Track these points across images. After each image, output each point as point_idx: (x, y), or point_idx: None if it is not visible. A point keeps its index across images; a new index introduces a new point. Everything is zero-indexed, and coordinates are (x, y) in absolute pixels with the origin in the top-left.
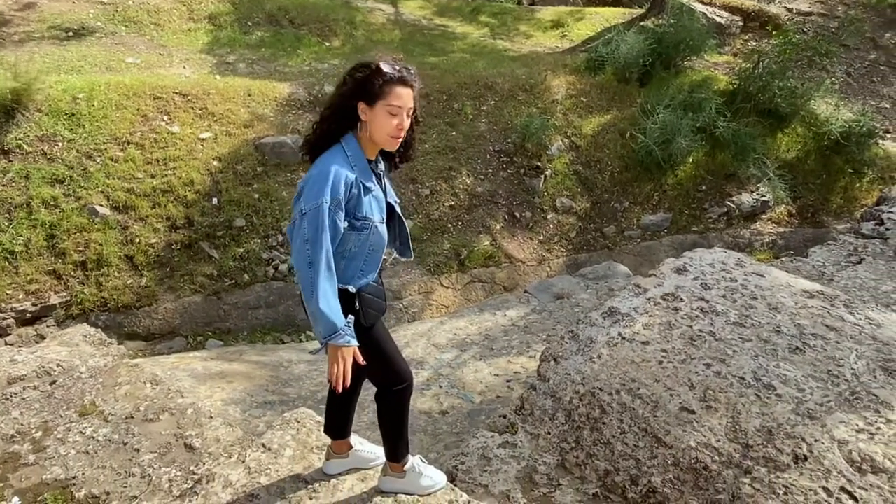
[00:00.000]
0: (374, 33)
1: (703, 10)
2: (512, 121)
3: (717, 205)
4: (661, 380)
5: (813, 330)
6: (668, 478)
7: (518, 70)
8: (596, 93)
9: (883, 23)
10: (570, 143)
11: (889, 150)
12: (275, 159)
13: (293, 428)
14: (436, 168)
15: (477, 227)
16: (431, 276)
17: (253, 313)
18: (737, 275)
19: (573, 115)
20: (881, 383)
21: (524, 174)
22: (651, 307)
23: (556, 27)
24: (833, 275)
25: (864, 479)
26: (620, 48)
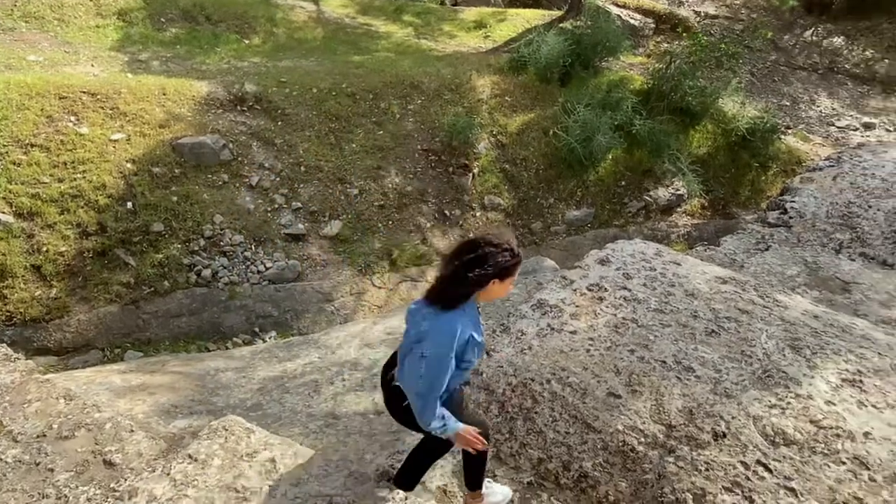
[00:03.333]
0: (295, 31)
1: (619, 12)
2: (439, 120)
3: (636, 199)
4: (589, 367)
5: (727, 313)
6: (598, 462)
7: (443, 70)
8: (519, 92)
9: (782, 26)
10: (497, 141)
11: (790, 144)
12: (194, 160)
13: (221, 437)
14: (364, 168)
15: (407, 226)
16: (363, 277)
17: (175, 322)
18: (656, 264)
19: (498, 114)
20: (790, 361)
21: (453, 173)
22: (577, 298)
23: (479, 28)
24: (743, 262)
25: (778, 452)
26: (541, 49)
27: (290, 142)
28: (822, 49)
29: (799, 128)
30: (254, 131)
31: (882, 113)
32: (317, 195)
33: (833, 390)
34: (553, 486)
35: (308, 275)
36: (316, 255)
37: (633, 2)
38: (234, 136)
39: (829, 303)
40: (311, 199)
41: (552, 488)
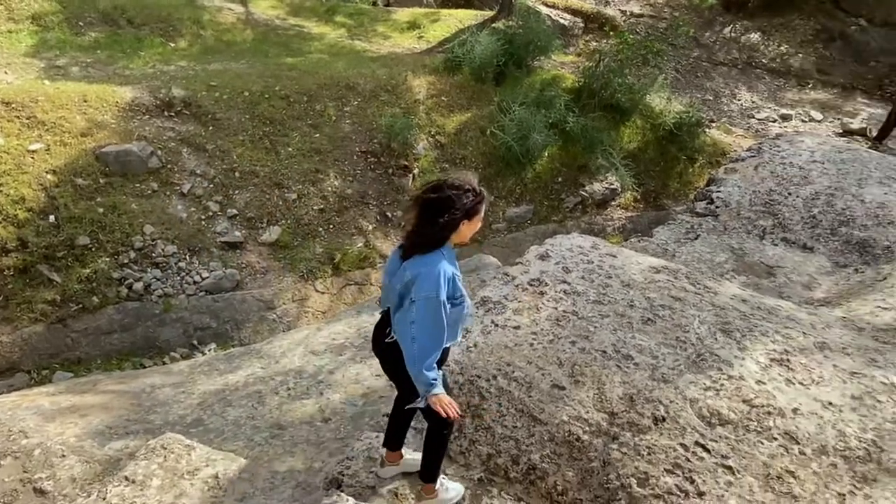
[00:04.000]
0: (223, 33)
1: (548, 12)
2: (376, 121)
3: (573, 195)
4: (533, 361)
5: (661, 301)
6: (546, 453)
7: (378, 70)
8: (455, 92)
9: (703, 23)
10: (435, 141)
11: (715, 137)
12: (120, 169)
13: (160, 456)
14: (301, 171)
15: (349, 229)
16: (305, 283)
17: (106, 339)
18: (593, 257)
19: (436, 115)
20: (721, 344)
21: (392, 174)
22: (520, 293)
23: (412, 28)
24: (675, 251)
25: (714, 432)
26: (475, 49)
27: (222, 147)
28: (741, 45)
29: (722, 121)
30: (183, 137)
31: (798, 104)
32: (253, 201)
33: (762, 370)
34: (503, 480)
35: (247, 283)
36: (255, 262)
37: (561, 2)
38: (163, 142)
39: (755, 287)
40: (247, 206)
41: (502, 483)
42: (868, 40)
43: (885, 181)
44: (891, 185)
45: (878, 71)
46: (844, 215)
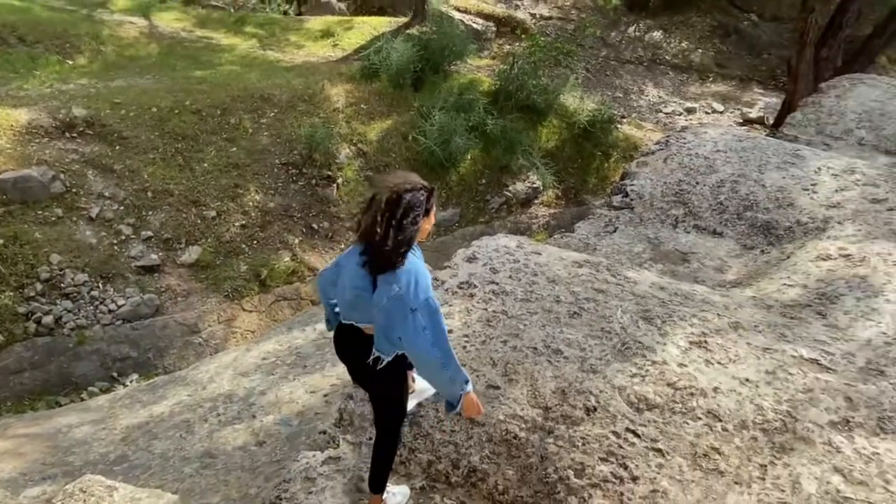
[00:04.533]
0: (126, 48)
1: (461, 17)
2: (295, 132)
3: (498, 195)
4: (468, 363)
5: (585, 295)
6: (485, 454)
7: (294, 80)
8: (374, 99)
9: (608, 24)
10: (358, 150)
11: (627, 132)
12: (19, 197)
13: (79, 500)
14: (219, 188)
15: (274, 244)
16: (231, 302)
17: (15, 378)
18: (518, 256)
19: (356, 123)
20: (644, 331)
21: (316, 185)
22: (450, 297)
23: (326, 37)
24: (596, 244)
25: (643, 417)
26: (391, 56)
27: (131, 167)
28: (645, 43)
29: (632, 116)
30: (88, 159)
31: (701, 98)
32: (169, 221)
33: (683, 353)
34: (444, 485)
35: (168, 307)
36: (175, 285)
37: (473, 7)
38: (66, 165)
39: (672, 273)
40: (163, 226)
41: (444, 488)
42: (760, 34)
43: (783, 166)
44: (788, 169)
45: (771, 63)
46: (748, 200)
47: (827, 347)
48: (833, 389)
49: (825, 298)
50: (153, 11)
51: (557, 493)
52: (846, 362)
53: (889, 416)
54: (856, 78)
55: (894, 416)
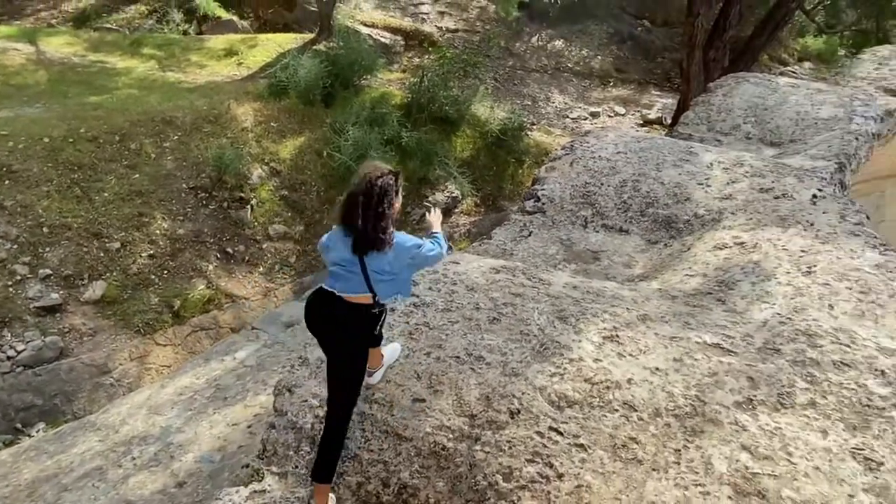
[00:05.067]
0: (11, 77)
1: (368, 31)
2: (202, 154)
3: (418, 207)
4: (392, 379)
5: (503, 300)
6: (415, 469)
7: (198, 101)
8: (285, 117)
9: (512, 34)
10: (271, 169)
11: (537, 138)
12: None
13: None
14: (122, 217)
15: (187, 273)
16: (143, 338)
17: None
18: (437, 266)
19: (267, 142)
20: (560, 331)
21: (228, 208)
22: None
23: (229, 55)
24: (512, 249)
25: (564, 414)
26: (299, 72)
27: (23, 202)
28: (548, 52)
29: (542, 123)
30: None
31: (603, 102)
32: (69, 257)
33: (597, 349)
34: None
35: (74, 349)
36: (80, 324)
37: (380, 21)
38: None
39: (584, 272)
40: (62, 263)
41: None
42: (653, 39)
43: (678, 163)
44: (683, 165)
45: (665, 66)
46: (649, 197)
47: (728, 331)
48: (736, 371)
49: (724, 285)
50: (40, 37)
51: (487, 500)
52: (746, 344)
53: (787, 391)
54: (741, 76)
55: (792, 390)
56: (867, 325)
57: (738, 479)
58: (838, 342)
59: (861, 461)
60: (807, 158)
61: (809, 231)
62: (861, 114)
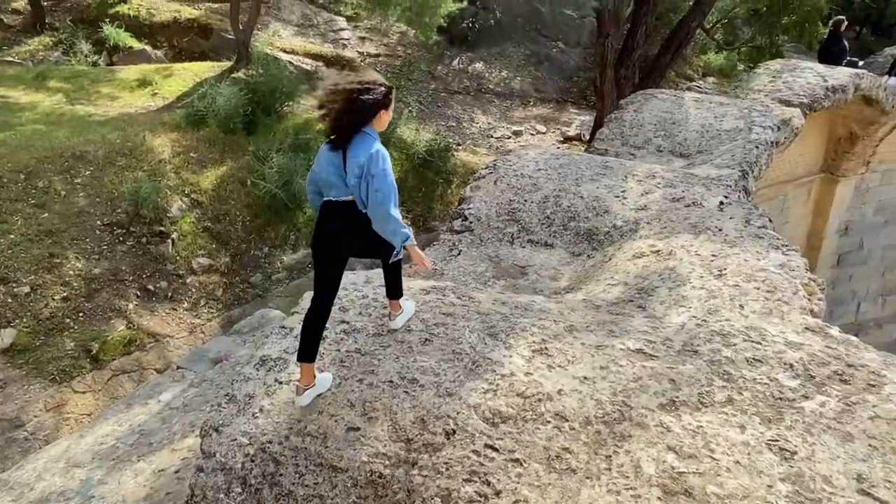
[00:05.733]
0: None
1: (289, 58)
2: (117, 189)
3: None
4: (325, 409)
5: (435, 320)
6: (352, 500)
7: (110, 134)
8: (205, 147)
9: (434, 58)
10: (192, 200)
11: (463, 158)
12: None
13: None
14: (31, 259)
15: (105, 314)
16: (59, 386)
17: None
18: (367, 291)
19: (187, 173)
20: (491, 347)
21: (148, 243)
22: None
23: (143, 86)
24: (443, 269)
25: (499, 430)
26: (218, 101)
27: None
28: (470, 74)
29: (467, 143)
30: None
31: (525, 121)
32: None
33: (528, 362)
34: None
35: None
36: None
37: (300, 48)
38: None
39: (513, 287)
40: None
41: None
42: (568, 60)
43: (595, 178)
44: (600, 180)
45: (581, 84)
46: (571, 211)
47: (649, 337)
48: (658, 374)
49: (643, 292)
50: None
51: None
52: (666, 348)
53: (706, 390)
54: (649, 93)
55: (711, 389)
56: (775, 321)
57: (665, 479)
58: (750, 340)
59: (777, 452)
60: (713, 168)
61: (718, 236)
62: (760, 124)
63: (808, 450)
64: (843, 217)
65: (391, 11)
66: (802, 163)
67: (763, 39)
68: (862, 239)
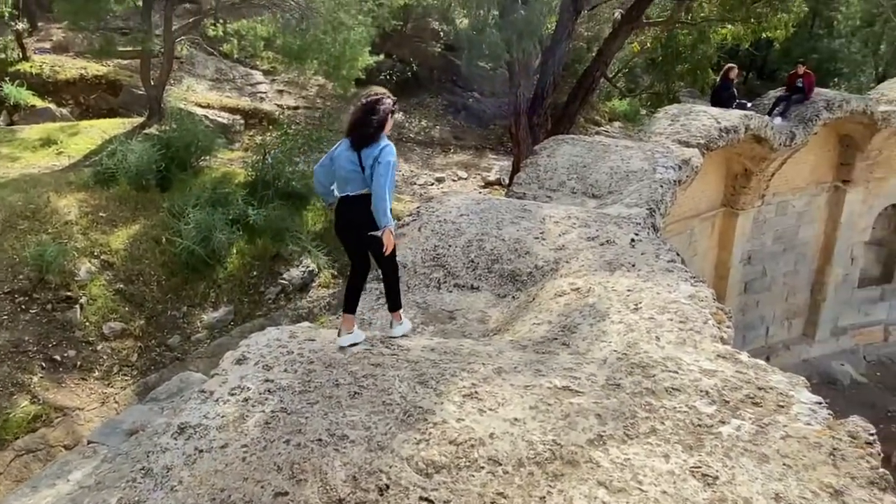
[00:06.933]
0: None
1: (204, 112)
2: (18, 254)
3: (272, 285)
4: (250, 476)
5: (364, 372)
6: None
7: (11, 197)
8: (115, 206)
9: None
10: (102, 262)
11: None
12: None
13: None
14: None
15: (6, 389)
16: None
17: None
18: (292, 346)
19: (96, 233)
20: (422, 395)
21: (53, 310)
22: (222, 408)
23: (47, 145)
24: (371, 318)
25: (433, 481)
26: (129, 157)
27: None
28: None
29: None
30: None
31: (447, 168)
32: None
33: (459, 408)
34: None
35: None
36: None
37: (216, 101)
38: None
39: (442, 333)
40: None
41: None
42: (484, 109)
43: (515, 221)
44: (520, 223)
45: (497, 132)
46: (494, 254)
47: (574, 373)
48: (585, 410)
49: (567, 329)
50: None
51: None
52: (591, 383)
53: (631, 422)
54: (560, 138)
55: (635, 421)
56: (689, 350)
57: None
58: (668, 370)
59: (700, 478)
60: (623, 207)
61: (632, 272)
62: (663, 164)
63: (729, 473)
64: (745, 247)
65: (308, 65)
66: (705, 198)
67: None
68: (764, 266)
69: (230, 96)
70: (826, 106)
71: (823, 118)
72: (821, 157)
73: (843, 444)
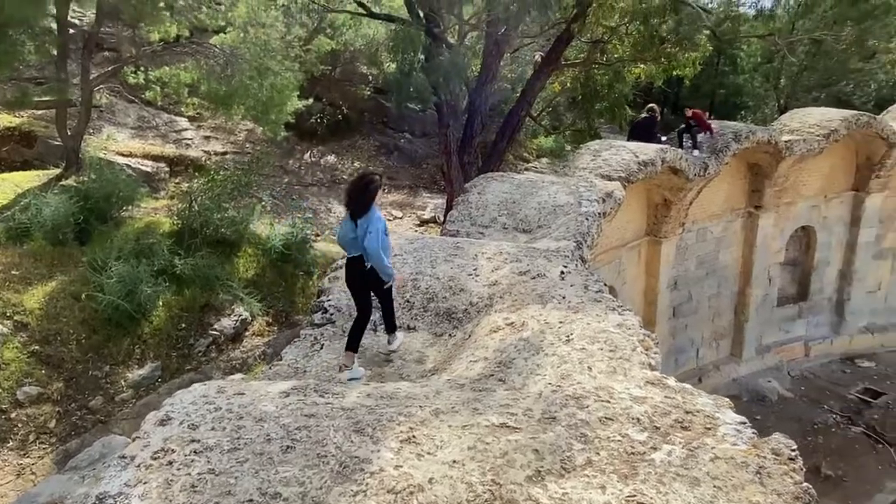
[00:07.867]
0: None
1: (126, 161)
2: None
3: (203, 337)
4: None
5: (296, 424)
6: None
7: None
8: (29, 262)
9: (284, 153)
10: (15, 323)
11: (322, 249)
12: None
13: None
14: None
15: None
16: None
17: None
18: (220, 402)
19: (8, 293)
20: (358, 444)
21: None
22: (144, 473)
23: None
24: (305, 366)
25: None
26: (44, 211)
27: None
28: (322, 167)
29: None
30: None
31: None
32: None
33: (396, 454)
34: None
35: None
36: None
37: (138, 150)
38: None
39: (379, 377)
40: None
41: None
42: (416, 149)
43: (449, 258)
44: (454, 260)
45: (430, 171)
46: (429, 293)
47: (511, 409)
48: (523, 446)
49: (503, 365)
50: None
51: None
52: (527, 418)
53: (568, 455)
54: (489, 176)
55: (571, 454)
56: (620, 378)
57: None
58: (600, 400)
59: None
60: (552, 241)
61: (563, 303)
62: (587, 198)
63: (663, 500)
64: (671, 273)
65: (235, 111)
66: (630, 228)
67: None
68: (690, 291)
69: (154, 144)
70: (735, 137)
71: (733, 149)
72: (734, 186)
73: (767, 462)
